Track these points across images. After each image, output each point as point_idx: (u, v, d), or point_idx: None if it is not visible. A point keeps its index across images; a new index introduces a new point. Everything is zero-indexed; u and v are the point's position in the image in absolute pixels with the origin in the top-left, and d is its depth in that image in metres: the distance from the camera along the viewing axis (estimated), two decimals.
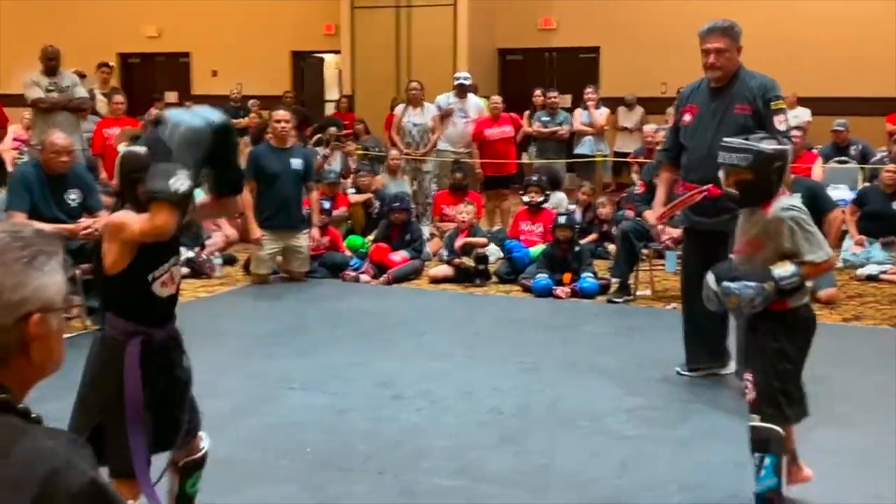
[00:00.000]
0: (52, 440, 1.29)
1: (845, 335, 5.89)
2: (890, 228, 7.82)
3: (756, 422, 3.23)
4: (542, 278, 7.12)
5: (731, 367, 4.89)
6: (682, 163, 4.91)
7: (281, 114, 7.44)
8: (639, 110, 13.11)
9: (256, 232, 7.21)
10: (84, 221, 5.68)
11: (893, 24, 11.96)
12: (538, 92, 11.20)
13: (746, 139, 3.41)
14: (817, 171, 8.84)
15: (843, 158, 9.85)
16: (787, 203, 3.29)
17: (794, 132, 9.17)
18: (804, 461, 3.44)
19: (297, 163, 7.35)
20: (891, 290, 7.18)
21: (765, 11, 12.84)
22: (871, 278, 7.49)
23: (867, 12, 12.11)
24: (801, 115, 12.24)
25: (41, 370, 1.40)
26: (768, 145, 3.33)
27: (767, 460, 3.18)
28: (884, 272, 7.57)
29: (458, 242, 7.60)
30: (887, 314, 6.47)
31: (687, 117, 4.91)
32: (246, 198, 7.22)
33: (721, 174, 3.43)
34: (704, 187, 4.46)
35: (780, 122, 4.51)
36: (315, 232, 7.53)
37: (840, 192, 8.62)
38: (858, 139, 10.30)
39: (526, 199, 8.25)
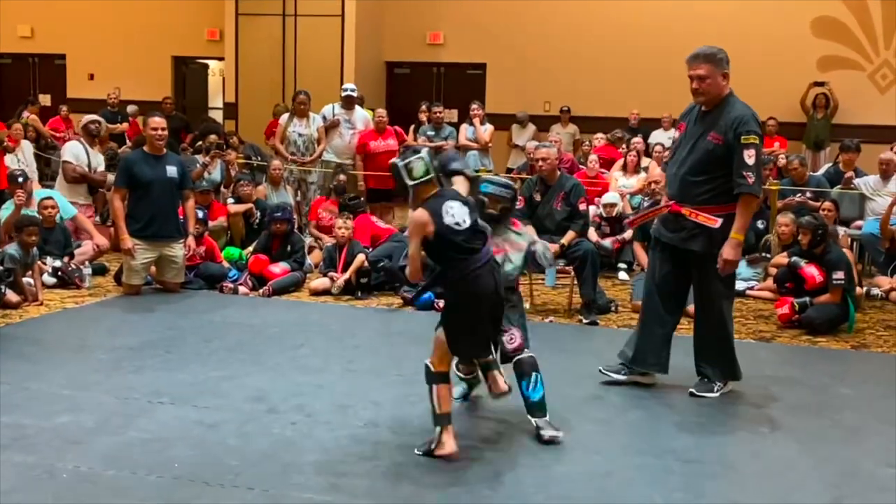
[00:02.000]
0: None
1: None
2: (753, 246, 8.15)
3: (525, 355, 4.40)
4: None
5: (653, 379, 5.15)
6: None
7: (157, 121, 7.22)
8: (531, 128, 13.36)
9: (128, 242, 6.96)
10: None
11: (764, 55, 12.53)
12: (423, 106, 11.24)
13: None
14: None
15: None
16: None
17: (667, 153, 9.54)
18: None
19: (172, 170, 7.15)
20: (756, 306, 7.49)
21: (649, 36, 13.32)
22: (738, 294, 7.78)
23: (740, 44, 12.68)
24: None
25: None
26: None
27: (537, 376, 4.35)
28: (750, 288, 7.89)
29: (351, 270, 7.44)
30: (752, 328, 6.74)
31: (677, 134, 5.15)
32: (116, 206, 7.05)
33: (485, 199, 4.43)
34: (666, 204, 4.93)
35: (748, 157, 4.60)
36: (191, 241, 7.33)
37: None
38: None
39: None
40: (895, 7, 12.75)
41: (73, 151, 8.85)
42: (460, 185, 4.11)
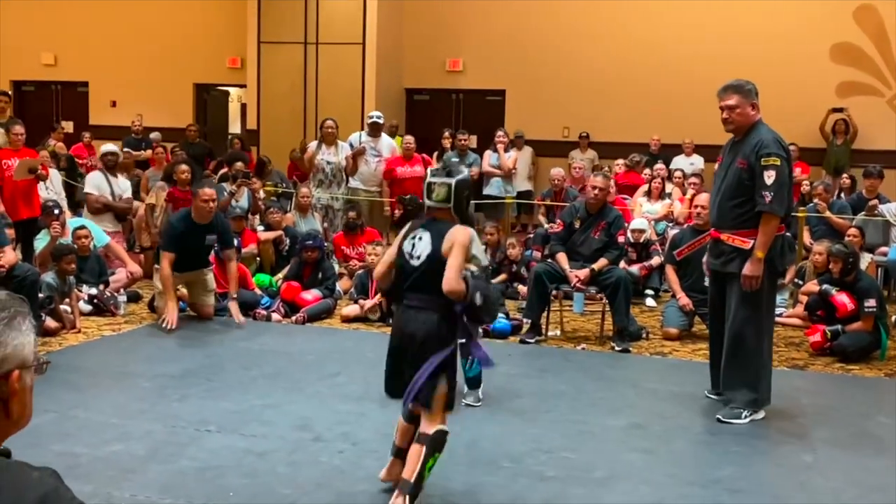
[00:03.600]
0: (36, 471, 1.44)
1: None
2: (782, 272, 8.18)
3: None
4: None
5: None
6: None
7: (207, 192, 7.07)
8: (527, 150, 13.32)
9: (173, 313, 6.84)
10: None
11: (784, 81, 12.63)
12: (447, 133, 11.34)
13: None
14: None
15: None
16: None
17: (692, 179, 9.63)
18: None
19: (211, 238, 7.17)
20: (786, 333, 7.50)
21: (669, 62, 13.41)
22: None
23: (760, 70, 12.76)
24: (696, 162, 12.79)
25: (16, 424, 1.51)
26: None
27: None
28: (779, 315, 7.91)
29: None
30: (784, 356, 6.76)
31: (717, 166, 5.40)
32: (166, 273, 6.91)
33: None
34: (708, 232, 5.25)
35: (768, 178, 4.86)
36: (234, 307, 7.14)
37: None
38: None
39: None
40: None
41: (95, 182, 8.99)
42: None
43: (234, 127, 16.82)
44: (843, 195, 10.56)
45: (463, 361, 4.64)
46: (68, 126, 15.79)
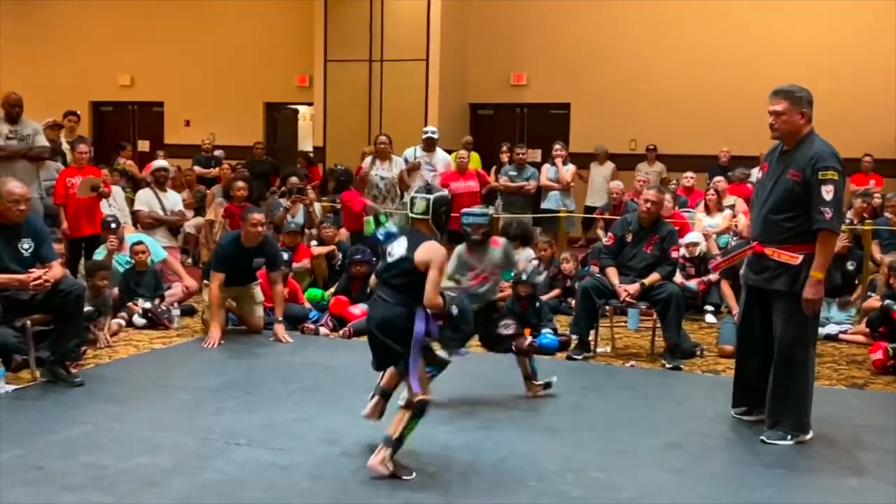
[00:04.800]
0: None
1: None
2: (843, 289, 7.87)
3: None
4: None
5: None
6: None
7: (256, 217, 7.17)
8: (609, 165, 13.24)
9: (216, 333, 6.96)
10: (35, 272, 5.58)
11: (858, 91, 12.22)
12: (505, 147, 11.29)
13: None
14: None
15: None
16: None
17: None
18: None
19: (259, 262, 7.25)
20: (850, 351, 7.20)
21: (742, 73, 13.09)
22: (831, 338, 7.52)
23: (834, 80, 12.35)
24: None
25: None
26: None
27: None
28: (843, 332, 7.60)
29: None
30: (844, 374, 6.48)
31: (760, 174, 5.17)
32: (214, 293, 7.05)
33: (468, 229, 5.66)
34: (750, 245, 4.98)
35: (826, 193, 4.60)
36: (279, 328, 7.18)
37: None
38: None
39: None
40: None
41: (144, 199, 9.23)
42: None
43: (304, 144, 17.06)
44: None
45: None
46: (144, 145, 16.30)
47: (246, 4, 15.81)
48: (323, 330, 7.46)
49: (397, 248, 4.36)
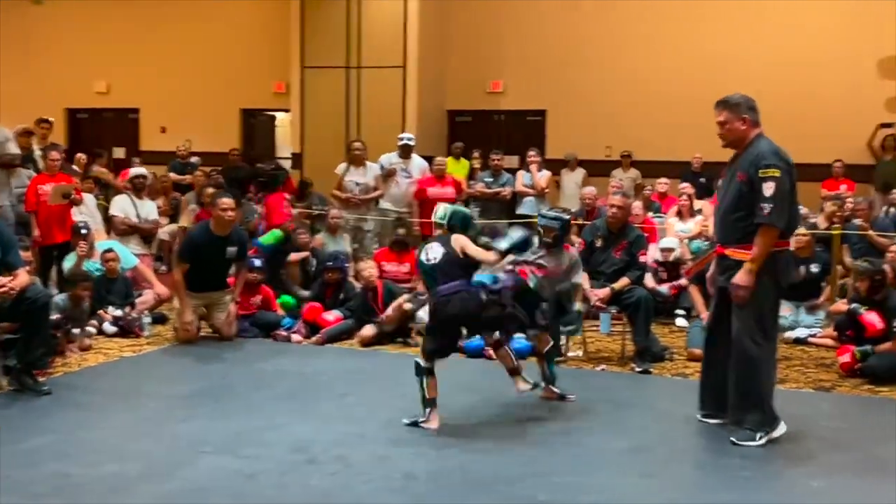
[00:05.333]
0: None
1: None
2: (810, 292, 7.94)
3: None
4: (475, 339, 7.10)
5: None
6: None
7: (226, 201, 7.23)
8: (580, 171, 13.29)
9: (188, 315, 7.11)
10: (0, 279, 5.55)
11: (830, 97, 12.34)
12: (476, 154, 11.34)
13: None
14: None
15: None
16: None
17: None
18: None
19: (232, 251, 7.31)
20: (818, 354, 7.26)
21: (715, 80, 13.17)
22: (800, 341, 7.59)
23: (806, 86, 12.44)
24: None
25: None
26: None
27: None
28: (812, 335, 7.67)
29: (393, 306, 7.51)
30: (812, 377, 6.54)
31: (720, 182, 5.46)
32: (178, 279, 7.19)
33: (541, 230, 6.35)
34: (714, 248, 5.17)
35: (766, 189, 4.74)
36: (233, 307, 7.39)
37: None
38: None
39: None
40: None
41: (120, 205, 9.18)
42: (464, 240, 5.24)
43: (282, 151, 17.01)
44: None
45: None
46: (119, 152, 16.22)
47: (222, 11, 15.77)
48: (296, 337, 7.45)
49: (435, 251, 5.18)
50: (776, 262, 4.83)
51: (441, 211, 5.44)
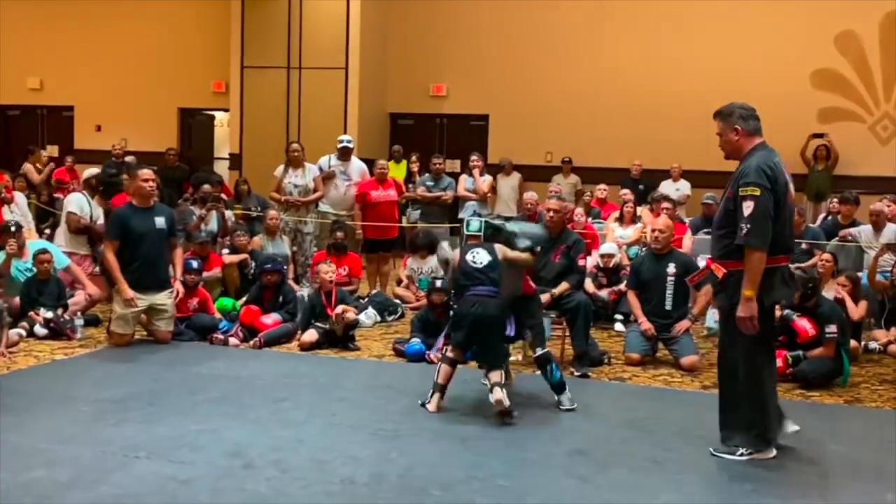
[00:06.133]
0: None
1: (703, 403, 6.05)
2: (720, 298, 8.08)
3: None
4: (416, 343, 7.09)
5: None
6: None
7: (146, 172, 7.24)
8: (516, 175, 13.33)
9: (128, 292, 7.00)
10: None
11: (765, 107, 12.60)
12: (414, 157, 11.33)
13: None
14: (686, 242, 9.15)
15: (710, 230, 10.18)
16: None
17: (665, 203, 9.55)
18: None
19: (160, 221, 7.21)
20: None
21: (654, 89, 13.41)
22: None
23: (742, 96, 12.67)
24: (682, 187, 12.75)
25: None
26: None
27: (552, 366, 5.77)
28: None
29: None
30: None
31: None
32: (111, 258, 7.07)
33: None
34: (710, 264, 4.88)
35: (746, 208, 4.53)
36: (178, 286, 7.36)
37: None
38: None
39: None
40: (894, 60, 12.80)
41: (78, 203, 8.94)
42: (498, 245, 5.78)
43: (220, 151, 16.80)
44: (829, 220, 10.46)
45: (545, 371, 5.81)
46: (53, 150, 15.84)
47: (161, 8, 15.52)
48: (233, 340, 7.34)
49: (482, 256, 5.65)
50: (763, 279, 4.60)
51: (475, 224, 5.86)
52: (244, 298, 8.11)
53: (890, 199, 9.48)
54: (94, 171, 9.54)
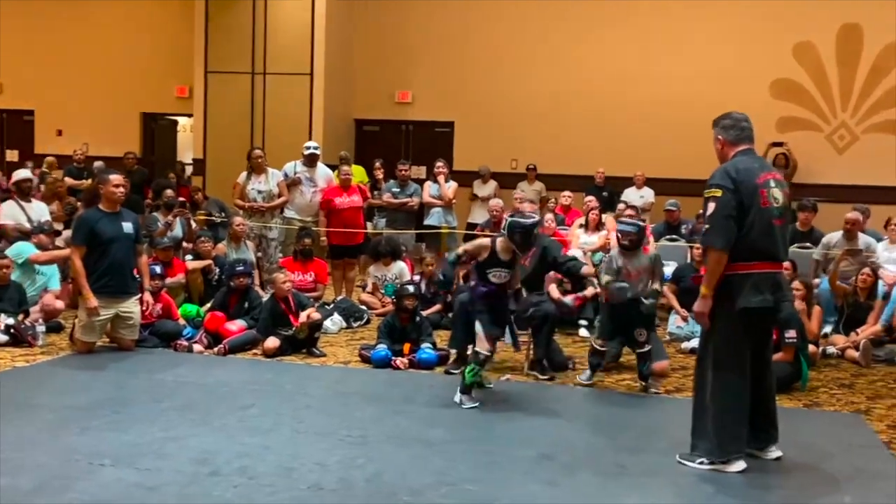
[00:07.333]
0: None
1: (666, 407, 6.14)
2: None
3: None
4: (381, 349, 7.11)
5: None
6: None
7: (117, 178, 7.20)
8: (492, 183, 13.47)
9: (92, 300, 6.91)
10: None
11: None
12: (378, 163, 11.36)
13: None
14: (650, 248, 9.24)
15: (673, 237, 10.34)
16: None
17: (628, 210, 9.65)
18: None
19: (128, 227, 7.16)
20: None
21: (618, 98, 13.57)
22: (695, 351, 7.79)
23: (708, 100, 12.87)
24: (646, 194, 12.91)
25: None
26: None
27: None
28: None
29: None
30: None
31: None
32: (77, 264, 6.98)
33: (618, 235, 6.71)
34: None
35: (708, 209, 4.67)
36: (147, 296, 7.29)
37: (670, 269, 9.02)
38: (689, 219, 10.88)
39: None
40: (851, 71, 13.08)
41: (9, 213, 8.87)
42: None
43: (184, 157, 16.69)
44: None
45: (643, 367, 6.48)
46: (13, 155, 15.64)
47: (124, 13, 15.40)
48: (197, 347, 7.29)
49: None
50: (731, 286, 4.63)
51: (503, 223, 6.08)
52: (208, 304, 8.06)
53: (859, 209, 9.74)
54: (24, 172, 9.48)
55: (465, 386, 5.90)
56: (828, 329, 8.40)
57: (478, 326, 5.91)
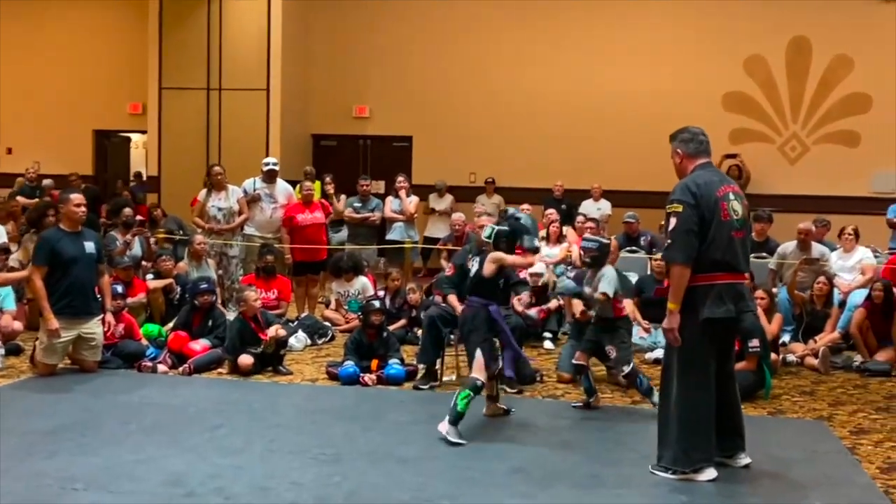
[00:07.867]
0: None
1: (635, 418, 6.20)
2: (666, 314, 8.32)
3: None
4: (349, 366, 7.08)
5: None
6: None
7: (78, 197, 7.09)
8: (448, 197, 13.53)
9: (53, 322, 6.78)
10: None
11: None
12: (328, 178, 11.33)
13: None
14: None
15: (633, 248, 10.47)
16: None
17: (589, 223, 9.75)
18: None
19: (90, 246, 7.05)
20: None
21: (574, 111, 13.74)
22: (659, 362, 7.90)
23: (661, 113, 13.09)
24: (604, 207, 13.06)
25: None
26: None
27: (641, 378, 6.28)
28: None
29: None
30: None
31: None
32: (38, 286, 6.85)
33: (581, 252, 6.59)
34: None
35: (670, 224, 4.70)
36: (109, 317, 7.18)
37: (633, 280, 9.12)
38: (648, 230, 11.03)
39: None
40: (801, 83, 13.39)
41: None
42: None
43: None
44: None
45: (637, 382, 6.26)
46: None
47: (75, 28, 15.21)
48: (161, 367, 7.20)
49: (476, 266, 5.79)
50: (695, 298, 4.67)
51: (487, 231, 5.84)
52: (171, 324, 7.95)
53: (820, 221, 9.95)
54: None
55: (457, 415, 5.41)
56: (786, 338, 8.55)
57: (478, 354, 5.64)
